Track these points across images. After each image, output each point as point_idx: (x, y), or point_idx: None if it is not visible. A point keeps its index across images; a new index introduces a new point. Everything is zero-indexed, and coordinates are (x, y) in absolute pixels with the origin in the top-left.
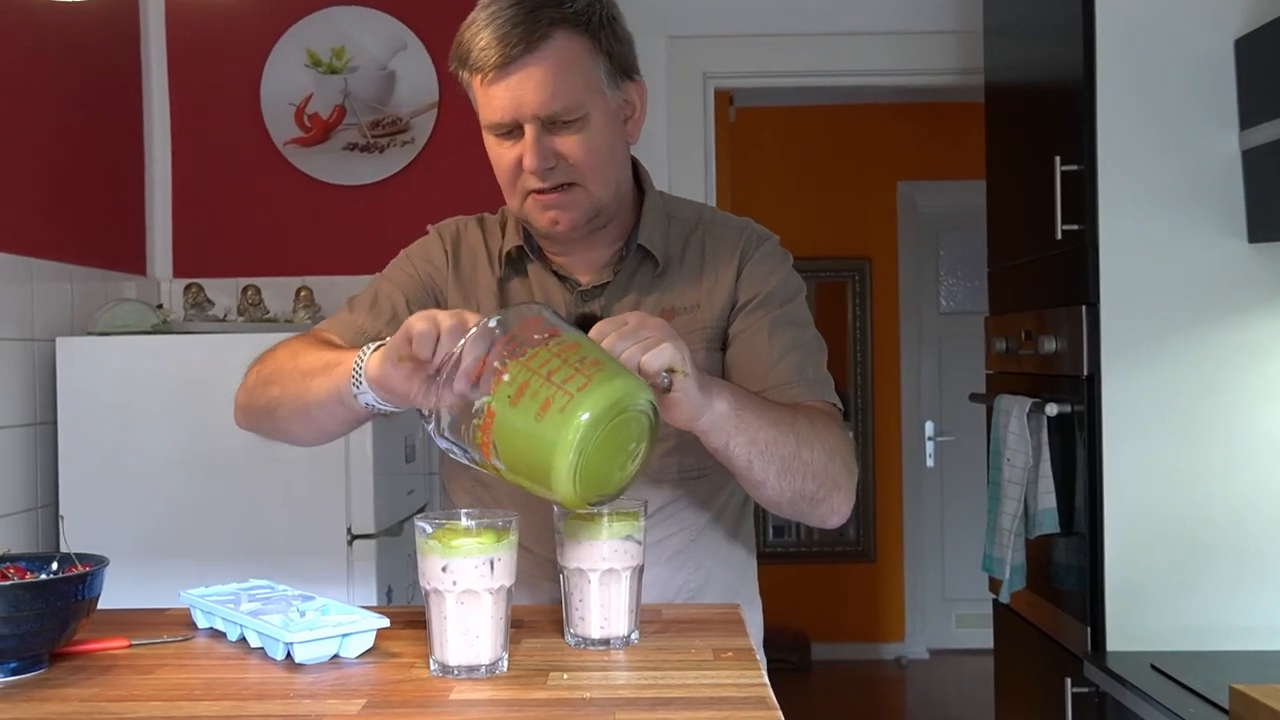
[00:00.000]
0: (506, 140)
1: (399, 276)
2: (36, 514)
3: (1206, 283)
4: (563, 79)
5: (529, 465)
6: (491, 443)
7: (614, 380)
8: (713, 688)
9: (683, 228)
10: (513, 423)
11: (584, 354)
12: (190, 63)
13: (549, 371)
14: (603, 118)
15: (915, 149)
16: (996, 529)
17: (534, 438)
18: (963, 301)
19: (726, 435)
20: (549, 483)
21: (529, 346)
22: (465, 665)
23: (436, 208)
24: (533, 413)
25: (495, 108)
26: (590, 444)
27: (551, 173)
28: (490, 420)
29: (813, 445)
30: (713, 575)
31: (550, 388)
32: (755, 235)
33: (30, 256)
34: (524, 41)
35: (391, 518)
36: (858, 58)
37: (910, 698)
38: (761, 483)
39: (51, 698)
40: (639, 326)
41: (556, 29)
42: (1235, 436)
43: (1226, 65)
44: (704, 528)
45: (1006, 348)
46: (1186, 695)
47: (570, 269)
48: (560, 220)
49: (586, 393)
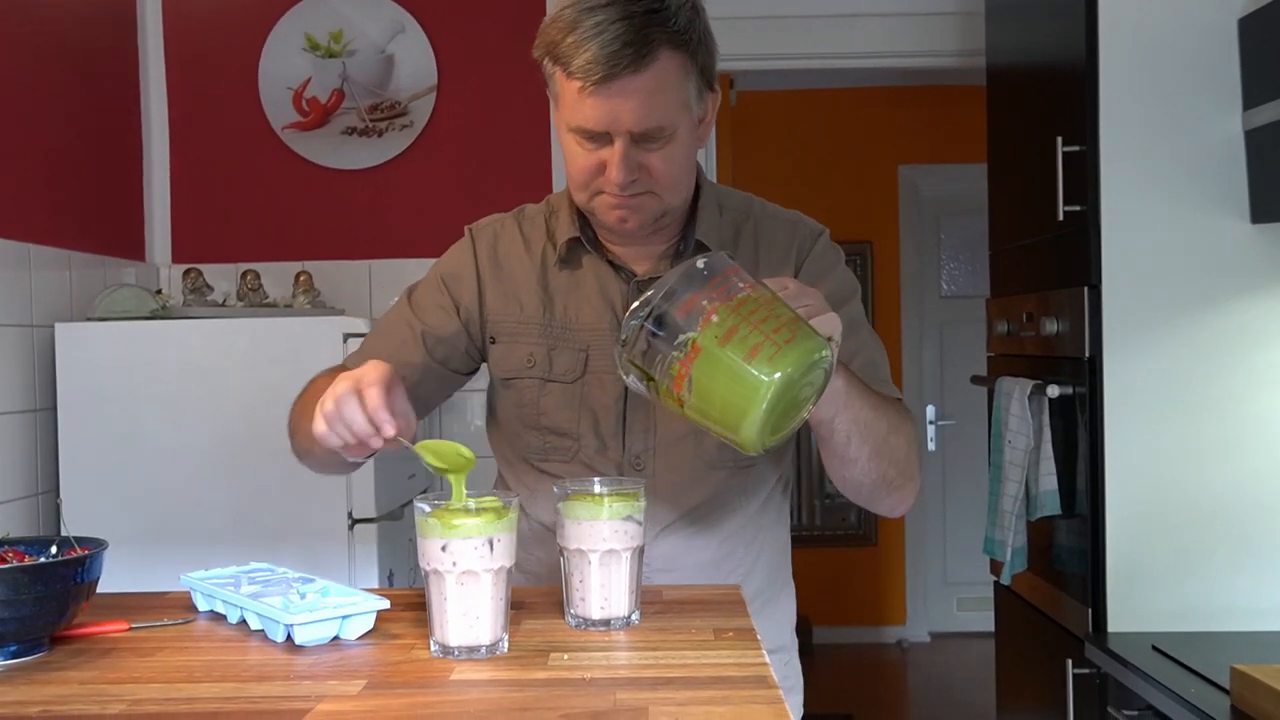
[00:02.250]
0: (589, 143)
1: (422, 300)
2: (37, 500)
3: (1209, 263)
4: (661, 99)
5: (724, 402)
6: (689, 376)
7: (812, 338)
8: (713, 667)
9: (734, 218)
10: (718, 361)
11: (783, 309)
12: (188, 47)
13: (759, 320)
14: (687, 133)
15: (916, 133)
16: (998, 511)
17: (737, 378)
18: (964, 285)
19: (835, 409)
20: (740, 422)
21: (736, 292)
22: (465, 646)
23: (435, 191)
24: (741, 355)
25: (588, 116)
26: (787, 392)
27: (633, 184)
28: (694, 355)
29: (899, 433)
30: (760, 558)
31: (759, 335)
32: (809, 231)
33: (29, 242)
34: (633, 64)
35: (392, 502)
36: (859, 40)
37: (912, 681)
38: (854, 461)
39: (52, 680)
40: (800, 292)
41: (663, 49)
42: (1237, 417)
43: (1230, 45)
44: (754, 513)
45: (1008, 330)
46: (1188, 676)
47: (627, 259)
48: (630, 220)
49: (793, 345)
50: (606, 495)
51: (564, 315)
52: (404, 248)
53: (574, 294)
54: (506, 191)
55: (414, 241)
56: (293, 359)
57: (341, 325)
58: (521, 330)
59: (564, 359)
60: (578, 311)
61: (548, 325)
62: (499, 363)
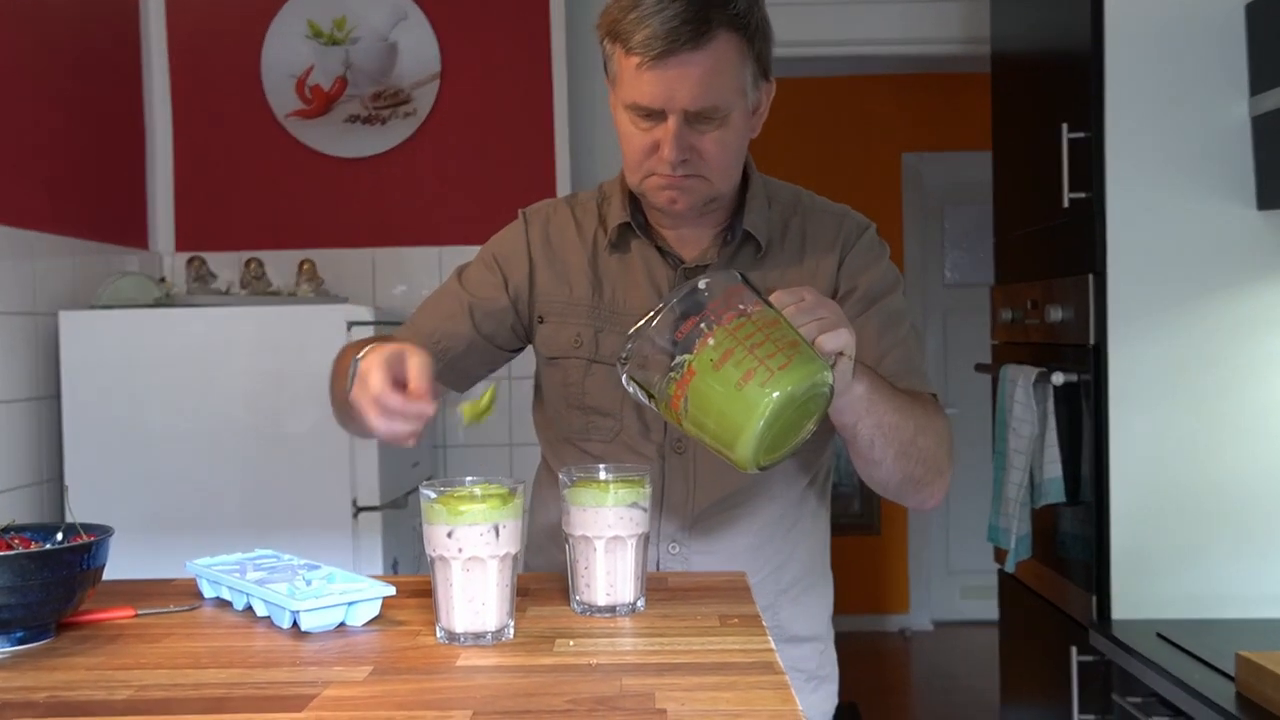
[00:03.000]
0: (645, 122)
1: (473, 276)
2: (41, 488)
3: (1215, 250)
4: (717, 79)
5: (718, 425)
6: (684, 396)
7: (811, 363)
8: (719, 653)
9: (782, 210)
10: (712, 385)
11: (783, 332)
12: (190, 34)
13: (753, 344)
14: (740, 118)
15: (920, 121)
16: (1002, 499)
17: (731, 402)
18: (968, 273)
19: (857, 415)
20: (735, 444)
21: (734, 316)
22: (471, 632)
23: (439, 179)
24: (734, 380)
25: (645, 92)
26: (780, 419)
27: (684, 164)
28: (689, 377)
29: (926, 432)
30: (799, 545)
31: (753, 360)
32: (855, 224)
33: (33, 230)
34: (692, 41)
35: (396, 490)
36: (863, 27)
37: (915, 669)
38: (879, 463)
39: (59, 666)
40: (816, 305)
41: (721, 29)
42: (1242, 405)
43: (1237, 30)
44: (794, 500)
45: (1013, 317)
46: (1192, 663)
47: (675, 245)
48: (678, 200)
49: (787, 372)
50: (612, 482)
51: (612, 299)
52: (407, 235)
53: (623, 278)
54: (509, 179)
55: (417, 229)
56: (296, 347)
57: (345, 313)
58: (570, 311)
59: (610, 341)
60: (626, 296)
61: (596, 308)
62: (546, 342)
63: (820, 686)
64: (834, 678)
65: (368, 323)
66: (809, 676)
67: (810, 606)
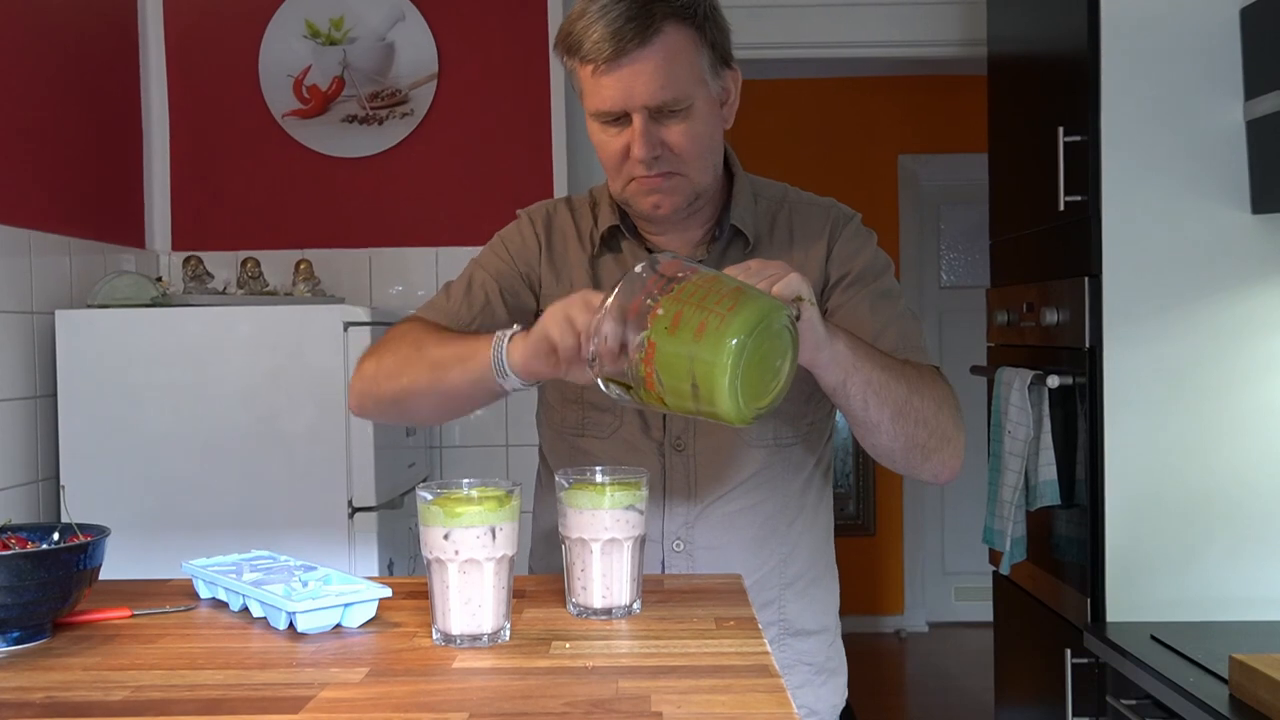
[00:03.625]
0: (613, 128)
1: (493, 263)
2: (37, 486)
3: (1210, 254)
4: (671, 71)
5: (692, 386)
6: (655, 373)
7: (759, 299)
8: (715, 656)
9: (769, 206)
10: (673, 349)
11: (725, 284)
12: (188, 33)
13: (700, 299)
14: (705, 106)
15: (916, 122)
16: (997, 501)
17: (694, 360)
18: (963, 275)
19: (845, 372)
20: (713, 399)
21: (676, 283)
22: (467, 634)
23: (436, 180)
24: (689, 336)
25: (605, 97)
26: (744, 357)
27: (657, 161)
28: (651, 351)
29: (922, 394)
30: (802, 539)
31: (703, 313)
32: (841, 214)
33: (29, 229)
34: (638, 36)
35: (392, 490)
36: (859, 29)
37: (909, 670)
38: (876, 425)
39: (55, 666)
40: (762, 267)
41: (667, 22)
42: (1237, 408)
43: (1232, 35)
44: (795, 493)
45: (1008, 320)
46: (1186, 665)
47: (664, 246)
48: (663, 204)
49: (736, 311)
50: (608, 485)
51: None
52: (404, 236)
53: (616, 279)
54: (507, 180)
55: (414, 230)
56: (293, 347)
57: (341, 313)
58: None
59: None
60: None
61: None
62: None
63: (829, 679)
64: (842, 670)
65: (364, 323)
66: (818, 669)
67: (817, 599)
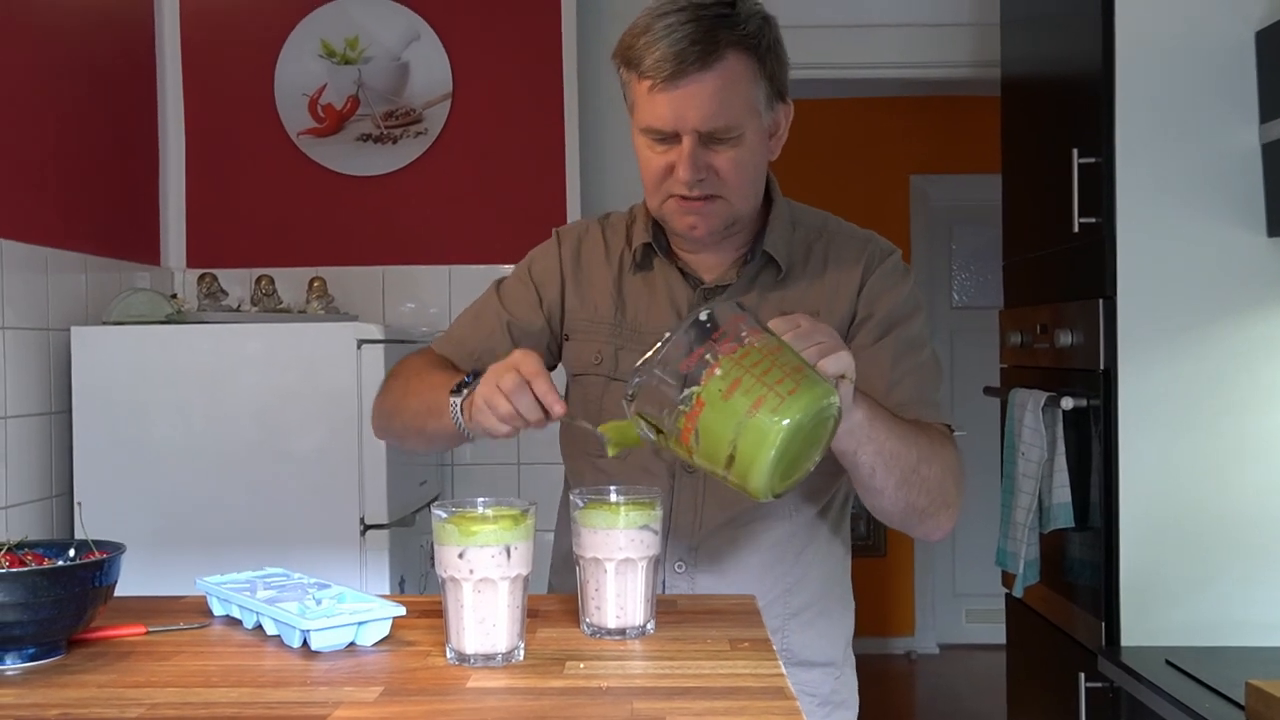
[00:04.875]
0: (660, 145)
1: (511, 289)
2: (52, 502)
3: (1225, 277)
4: (727, 98)
5: (731, 454)
6: (695, 430)
7: (818, 386)
8: (729, 678)
9: (807, 234)
10: (722, 415)
11: (787, 358)
12: (204, 53)
13: (761, 371)
14: (755, 137)
15: (928, 142)
16: (1010, 523)
17: (741, 432)
18: (975, 296)
19: (858, 442)
20: (748, 472)
21: (739, 344)
22: (482, 654)
23: (450, 198)
24: (744, 409)
25: (658, 115)
26: (794, 443)
27: (701, 184)
28: (699, 410)
29: (931, 462)
30: (811, 569)
31: (763, 388)
32: (879, 249)
33: (46, 246)
34: (700, 61)
35: (404, 508)
36: (873, 50)
37: (920, 692)
38: (880, 491)
39: (70, 683)
40: (812, 330)
41: (730, 50)
42: (1252, 430)
43: (1247, 57)
44: (805, 524)
45: (1021, 341)
46: (1202, 691)
47: (696, 267)
48: (699, 226)
49: (796, 397)
50: (623, 504)
51: (634, 318)
52: (418, 254)
53: (645, 298)
54: (520, 199)
55: (428, 248)
56: (306, 364)
57: (355, 331)
58: (593, 329)
59: (630, 359)
60: (647, 315)
61: (618, 326)
62: (570, 359)
63: (834, 712)
64: (852, 704)
65: (378, 340)
66: (822, 701)
67: (825, 631)
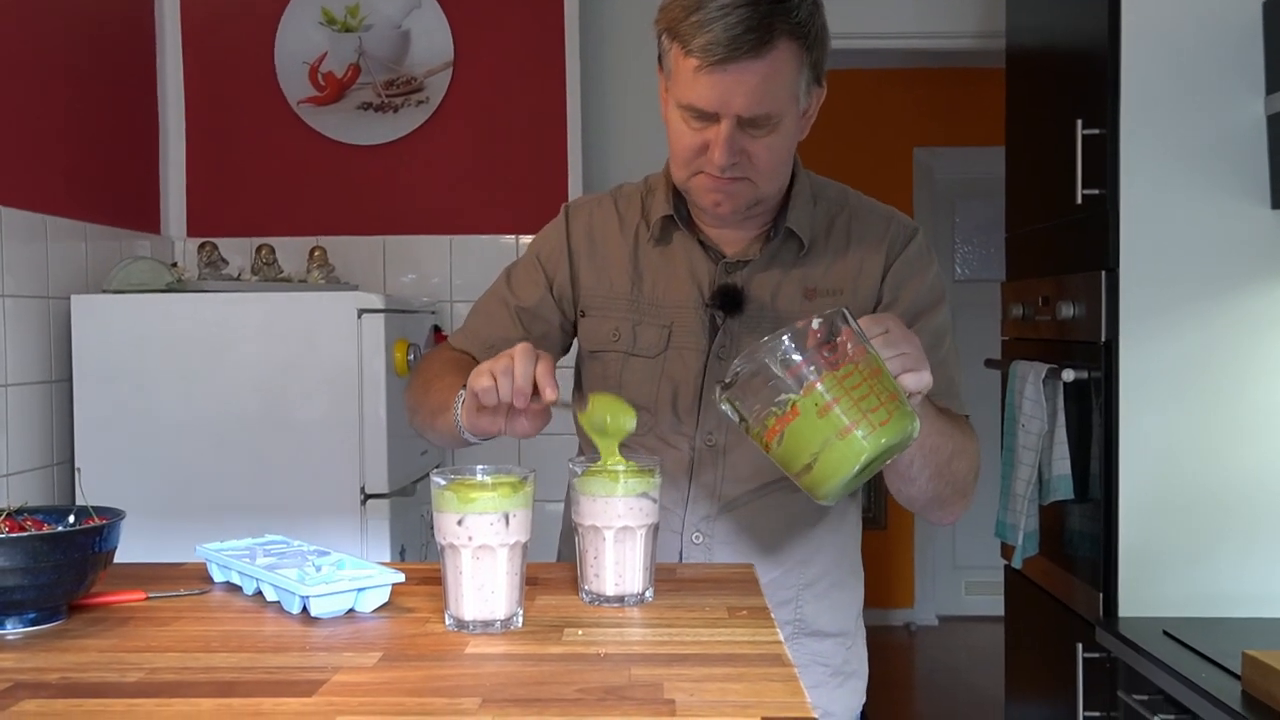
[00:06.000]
0: (696, 122)
1: (520, 274)
2: (53, 470)
3: (1228, 249)
4: (773, 87)
5: (811, 464)
6: (782, 432)
7: (906, 418)
8: (727, 644)
9: (828, 208)
10: (813, 429)
11: (884, 384)
12: (204, 20)
13: (859, 396)
14: (791, 123)
15: (931, 115)
16: (1010, 495)
17: (828, 447)
18: (978, 269)
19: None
20: (823, 483)
21: (844, 362)
22: (480, 620)
23: (450, 168)
24: (836, 429)
25: (701, 95)
26: (873, 466)
27: (734, 167)
28: (791, 417)
29: (961, 456)
30: (825, 541)
31: (858, 413)
32: (903, 227)
33: (46, 214)
34: (753, 49)
35: (405, 478)
36: (877, 20)
37: (919, 663)
38: (913, 481)
39: (70, 648)
40: (900, 339)
41: (782, 39)
42: (1254, 404)
43: (1254, 29)
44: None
45: (1023, 314)
46: (1199, 661)
47: (717, 240)
48: (724, 204)
49: (887, 428)
50: (622, 472)
51: (652, 292)
52: (419, 223)
53: (663, 271)
54: (522, 168)
55: (429, 217)
56: (306, 333)
57: (355, 300)
58: (610, 305)
59: (648, 334)
60: (666, 289)
61: (635, 301)
62: (587, 335)
63: (845, 682)
64: (862, 674)
65: (378, 310)
66: (834, 671)
67: (837, 602)
